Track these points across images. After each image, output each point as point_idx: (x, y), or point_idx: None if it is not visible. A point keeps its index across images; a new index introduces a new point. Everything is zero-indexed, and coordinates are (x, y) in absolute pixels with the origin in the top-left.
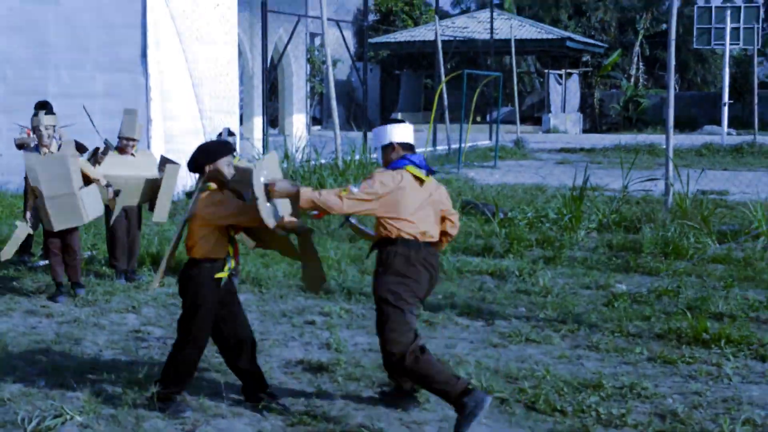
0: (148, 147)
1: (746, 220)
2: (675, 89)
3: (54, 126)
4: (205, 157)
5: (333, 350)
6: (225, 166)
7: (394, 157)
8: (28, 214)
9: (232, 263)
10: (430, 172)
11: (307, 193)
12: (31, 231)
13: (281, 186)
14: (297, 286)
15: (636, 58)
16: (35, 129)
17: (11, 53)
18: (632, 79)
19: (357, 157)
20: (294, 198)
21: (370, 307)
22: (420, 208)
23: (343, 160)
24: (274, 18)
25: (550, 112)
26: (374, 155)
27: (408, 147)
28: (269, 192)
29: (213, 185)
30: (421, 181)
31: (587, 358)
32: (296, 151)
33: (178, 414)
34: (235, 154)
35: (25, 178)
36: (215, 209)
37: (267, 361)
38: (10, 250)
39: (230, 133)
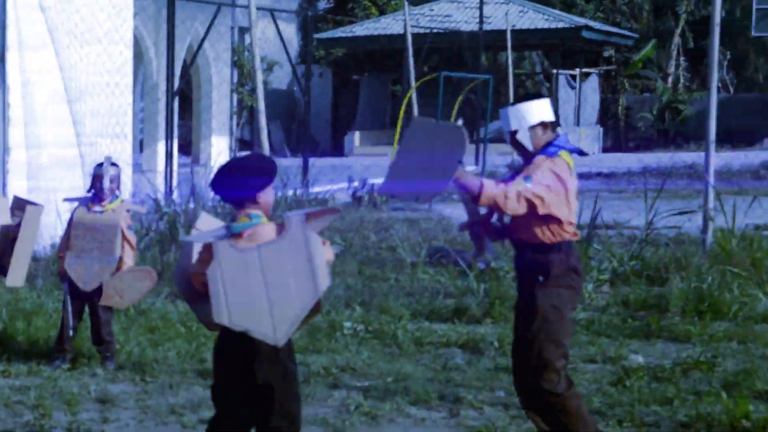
0: (3, 185)
1: None
2: (729, 91)
3: None
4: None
5: None
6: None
7: (545, 139)
8: None
9: None
10: (580, 153)
11: (490, 188)
12: None
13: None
14: (193, 370)
15: (676, 52)
16: None
17: None
18: (670, 80)
19: (290, 192)
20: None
21: None
22: (574, 202)
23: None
24: (185, 6)
25: (559, 125)
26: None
27: (554, 126)
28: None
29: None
30: (570, 168)
31: None
32: (208, 185)
33: None
34: (117, 194)
35: None
36: None
37: None
38: None
39: (112, 164)
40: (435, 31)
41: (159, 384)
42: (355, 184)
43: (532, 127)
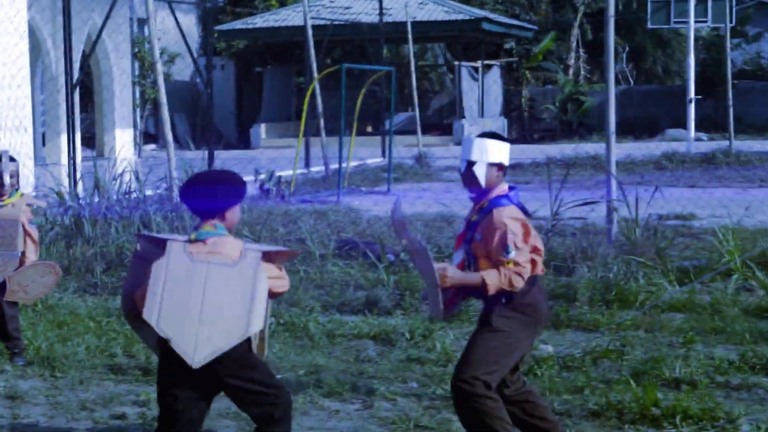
0: None
1: (716, 252)
2: (629, 83)
3: None
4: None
5: None
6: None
7: (496, 181)
8: None
9: None
10: (525, 212)
11: (493, 280)
12: None
13: (458, 275)
14: (104, 365)
15: (575, 44)
16: None
17: None
18: (571, 72)
19: None
20: (480, 287)
21: None
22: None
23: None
24: None
25: (463, 117)
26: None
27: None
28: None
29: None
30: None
31: None
32: (113, 179)
33: None
34: (17, 188)
35: None
36: None
37: None
38: None
39: (11, 159)
40: (335, 23)
41: (69, 380)
42: (262, 176)
43: (491, 165)
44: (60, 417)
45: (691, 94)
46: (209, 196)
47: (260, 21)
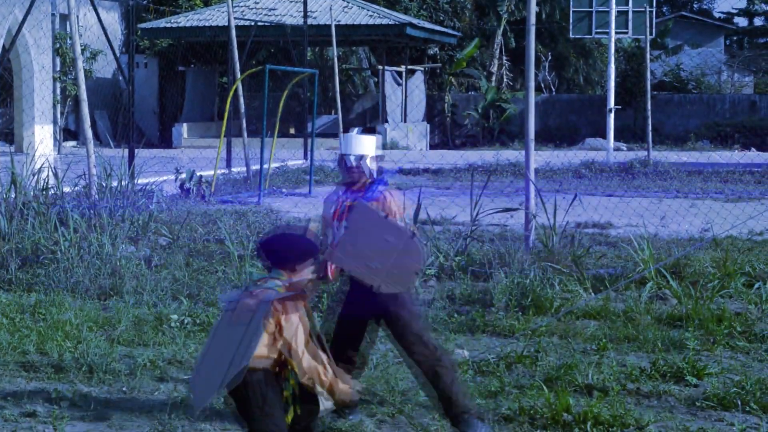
0: None
1: (631, 261)
2: (552, 91)
3: None
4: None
5: None
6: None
7: (375, 169)
8: None
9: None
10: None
11: None
12: None
13: None
14: (16, 363)
15: (498, 52)
16: None
17: None
18: (494, 79)
19: (115, 183)
20: None
21: (118, 389)
22: None
23: (98, 187)
24: None
25: (386, 121)
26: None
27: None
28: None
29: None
30: None
31: None
32: (31, 176)
33: None
34: None
35: None
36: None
37: None
38: None
39: None
40: (260, 24)
41: None
42: (182, 175)
43: (373, 157)
44: None
45: (611, 103)
46: (282, 257)
47: (184, 20)
